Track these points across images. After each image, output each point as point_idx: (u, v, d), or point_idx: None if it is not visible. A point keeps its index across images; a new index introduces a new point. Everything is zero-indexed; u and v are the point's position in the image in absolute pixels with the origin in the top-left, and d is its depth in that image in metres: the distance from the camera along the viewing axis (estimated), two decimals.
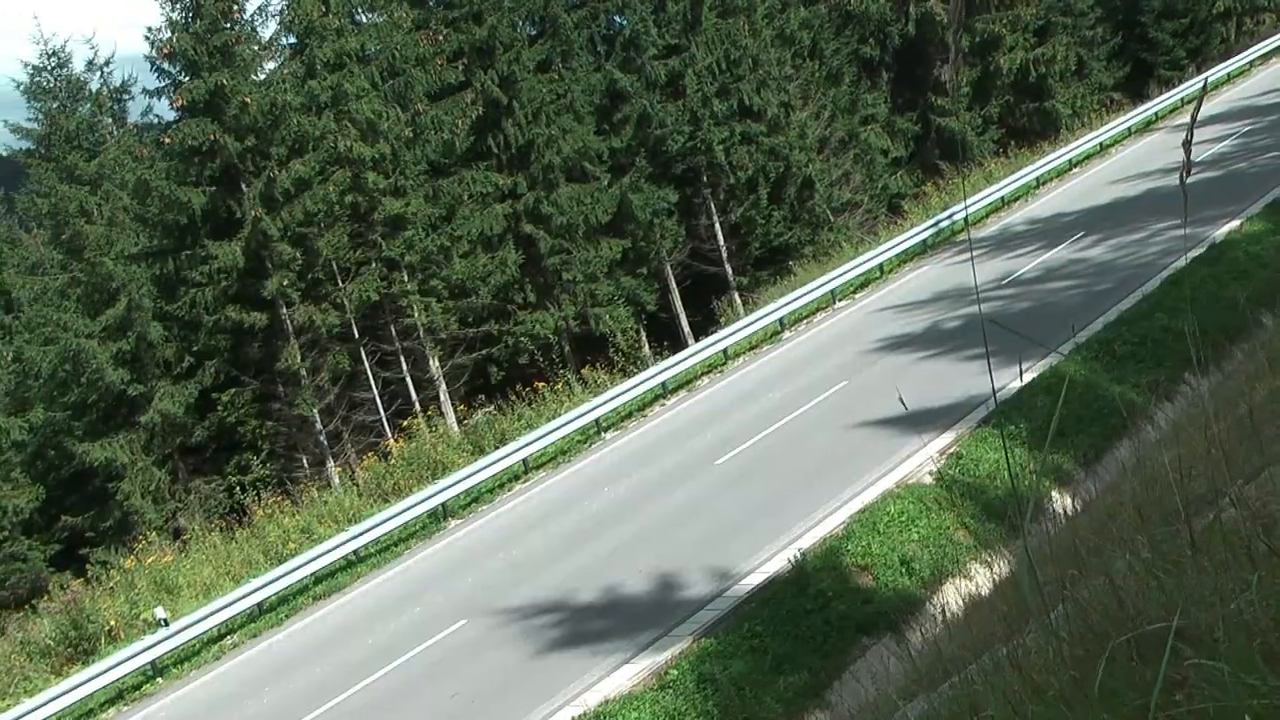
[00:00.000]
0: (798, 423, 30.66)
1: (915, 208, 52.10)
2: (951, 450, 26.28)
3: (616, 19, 57.75)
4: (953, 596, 18.05)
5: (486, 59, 48.91)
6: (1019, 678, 3.90)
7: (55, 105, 46.06)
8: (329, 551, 30.50)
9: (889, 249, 43.30)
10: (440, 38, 48.39)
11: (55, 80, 46.10)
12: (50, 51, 46.01)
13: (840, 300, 41.27)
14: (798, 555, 22.76)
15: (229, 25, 43.10)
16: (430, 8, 50.27)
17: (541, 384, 40.52)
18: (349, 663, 24.96)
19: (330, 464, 43.43)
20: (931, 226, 44.68)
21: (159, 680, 28.13)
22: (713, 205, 56.45)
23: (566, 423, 34.97)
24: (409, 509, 31.88)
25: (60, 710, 27.22)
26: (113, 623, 30.93)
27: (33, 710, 26.87)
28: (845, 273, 41.54)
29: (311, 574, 30.25)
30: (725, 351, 38.74)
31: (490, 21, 48.59)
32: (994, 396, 27.39)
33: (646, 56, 54.69)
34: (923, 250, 44.12)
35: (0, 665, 30.61)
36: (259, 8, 46.71)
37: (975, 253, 42.56)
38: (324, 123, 43.63)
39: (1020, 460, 24.24)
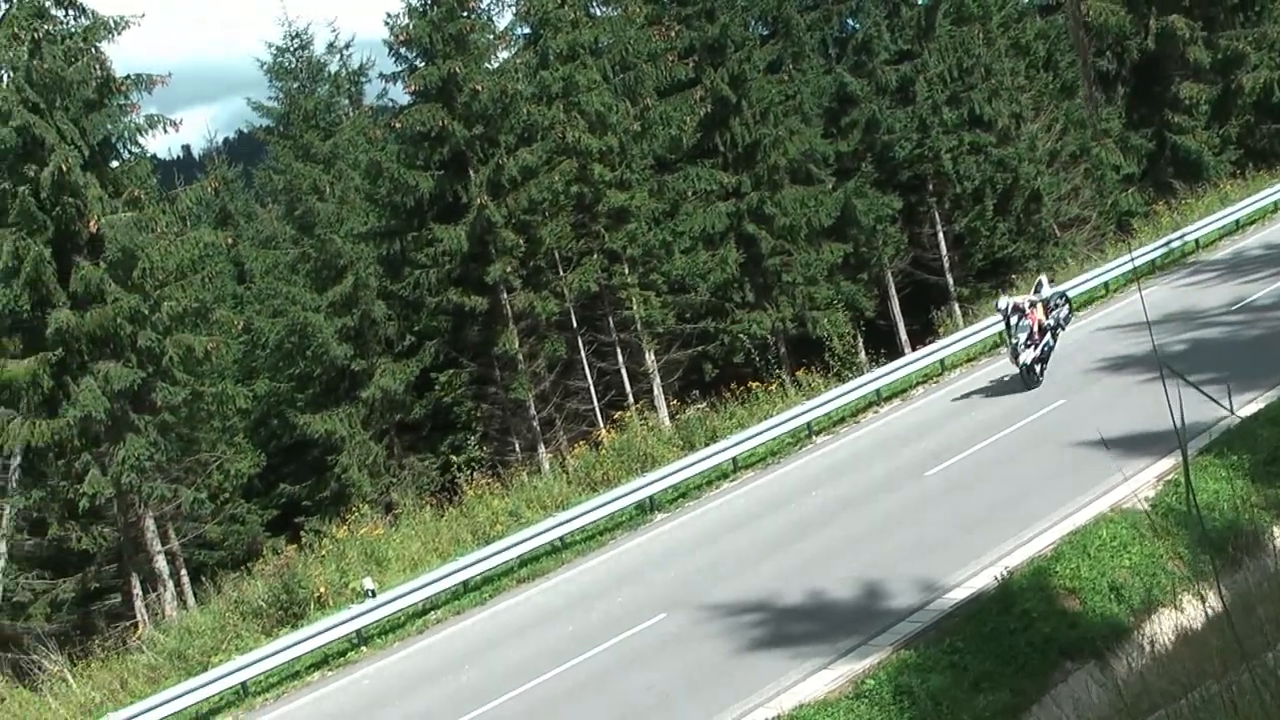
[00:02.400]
0: (1012, 438, 30.24)
1: (1145, 226, 50.91)
2: (1169, 477, 25.61)
3: (849, 22, 57.37)
4: (1162, 627, 17.66)
5: (717, 57, 48.98)
6: (1233, 718, 3.79)
7: (295, 85, 47.33)
8: (535, 536, 30.89)
9: (1115, 267, 42.40)
10: (672, 34, 48.62)
11: (297, 61, 47.36)
12: (293, 33, 47.35)
13: None
14: (1004, 573, 22.44)
15: (465, 14, 43.81)
16: (664, 4, 50.55)
17: (755, 384, 40.47)
18: (547, 647, 25.28)
19: (541, 449, 43.96)
20: (1161, 246, 43.66)
21: (363, 649, 28.81)
22: (937, 214, 55.80)
23: (778, 424, 34.94)
24: (617, 499, 32.13)
25: (268, 670, 28.11)
26: (322, 590, 31.76)
27: (244, 668, 27.81)
28: (1069, 289, 40.78)
29: (517, 556, 30.67)
30: (942, 362, 38.33)
31: (723, 20, 48.66)
32: (1179, 428, 26.66)
33: (878, 61, 54.28)
34: (1151, 270, 43.09)
35: (215, 622, 31.67)
36: None
37: (1206, 276, 41.40)
38: (553, 113, 44.12)
39: (1241, 493, 23.57)
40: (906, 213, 55.34)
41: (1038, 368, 33.72)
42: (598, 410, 45.25)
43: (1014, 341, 33.53)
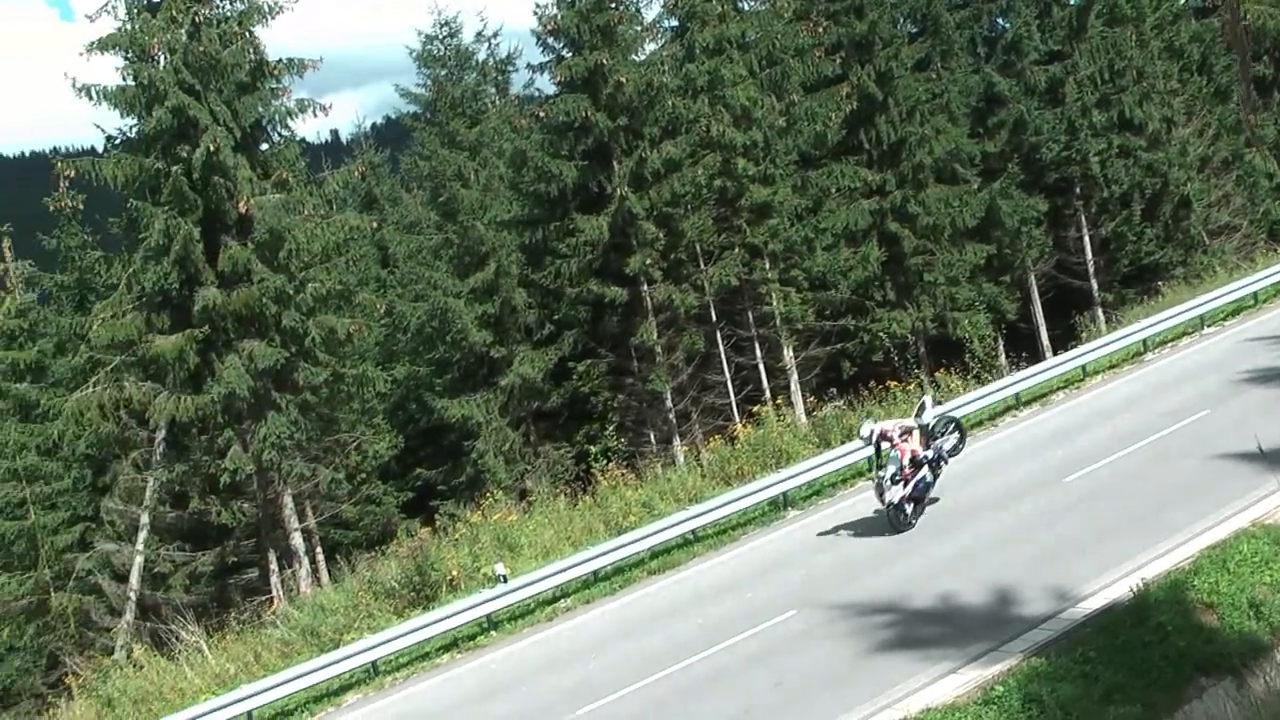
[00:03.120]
0: (1153, 448, 29.65)
1: None
2: None
3: (999, 21, 56.66)
4: None
5: (865, 54, 48.67)
6: None
7: (443, 73, 47.78)
8: (668, 528, 30.87)
9: (1266, 277, 41.37)
10: (820, 29, 48.33)
11: (445, 49, 47.82)
12: (443, 22, 47.84)
13: (1209, 326, 39.59)
14: (1140, 584, 22.00)
15: (613, 5, 43.91)
16: None
17: (893, 383, 40.11)
18: (676, 639, 25.26)
19: (676, 442, 43.96)
20: None
21: (493, 633, 28.98)
22: (1083, 218, 54.99)
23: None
24: (750, 495, 32.01)
25: (399, 650, 28.39)
26: (454, 573, 31.99)
27: (374, 647, 28.13)
28: (1217, 298, 39.88)
29: (649, 548, 30.68)
30: (1084, 368, 37.69)
31: (871, 17, 48.35)
32: None
33: (1027, 61, 53.60)
34: None
35: (348, 600, 32.06)
36: None
37: None
38: (698, 107, 44.08)
39: None
40: (1052, 215, 54.60)
41: (908, 507, 28.29)
42: (734, 404, 45.15)
43: (879, 475, 28.29)
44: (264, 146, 39.72)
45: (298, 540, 38.70)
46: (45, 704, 43.13)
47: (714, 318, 45.47)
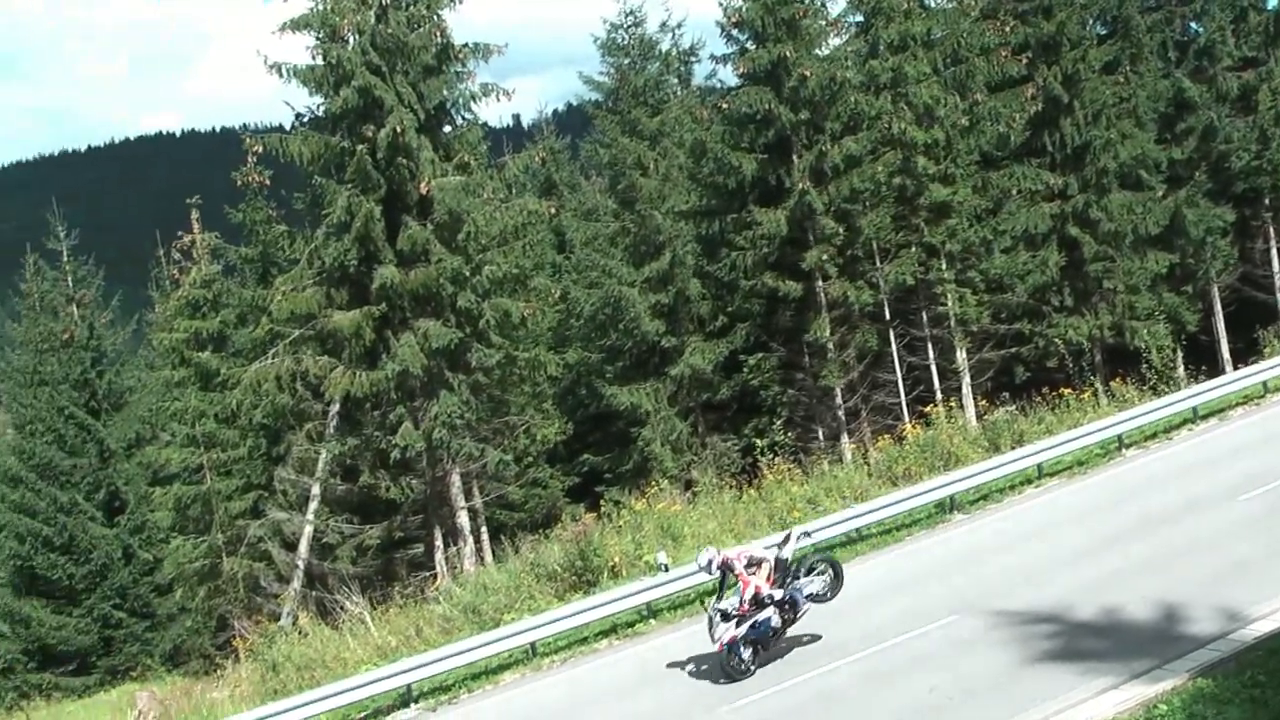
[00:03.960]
0: None
1: None
2: None
3: (1192, 25, 55.16)
4: None
5: (1052, 55, 47.79)
6: None
7: (627, 62, 47.88)
8: (832, 525, 30.74)
9: None
10: (1007, 29, 47.53)
11: (629, 38, 47.90)
12: (628, 10, 47.91)
13: None
14: None
15: None
16: None
17: (1067, 390, 39.52)
18: (835, 638, 25.11)
19: (844, 439, 43.68)
20: None
21: (652, 621, 29.08)
22: (1272, 230, 53.48)
23: (1088, 434, 34.10)
24: (916, 496, 31.81)
25: (558, 633, 28.62)
26: (616, 560, 32.15)
27: (534, 628, 28.41)
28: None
29: (812, 545, 30.56)
30: (1265, 384, 36.79)
31: (1060, 17, 47.44)
32: None
33: (1220, 67, 52.17)
34: None
35: (510, 581, 32.38)
36: None
37: None
38: (881, 103, 43.69)
39: None
40: (1239, 226, 53.12)
41: (744, 651, 24.51)
42: (904, 404, 44.73)
43: (714, 608, 24.74)
44: (447, 129, 40.19)
45: (463, 519, 39.13)
46: (213, 664, 44.32)
47: (888, 316, 45.07)
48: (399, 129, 36.39)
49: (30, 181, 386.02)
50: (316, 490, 40.11)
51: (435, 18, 38.38)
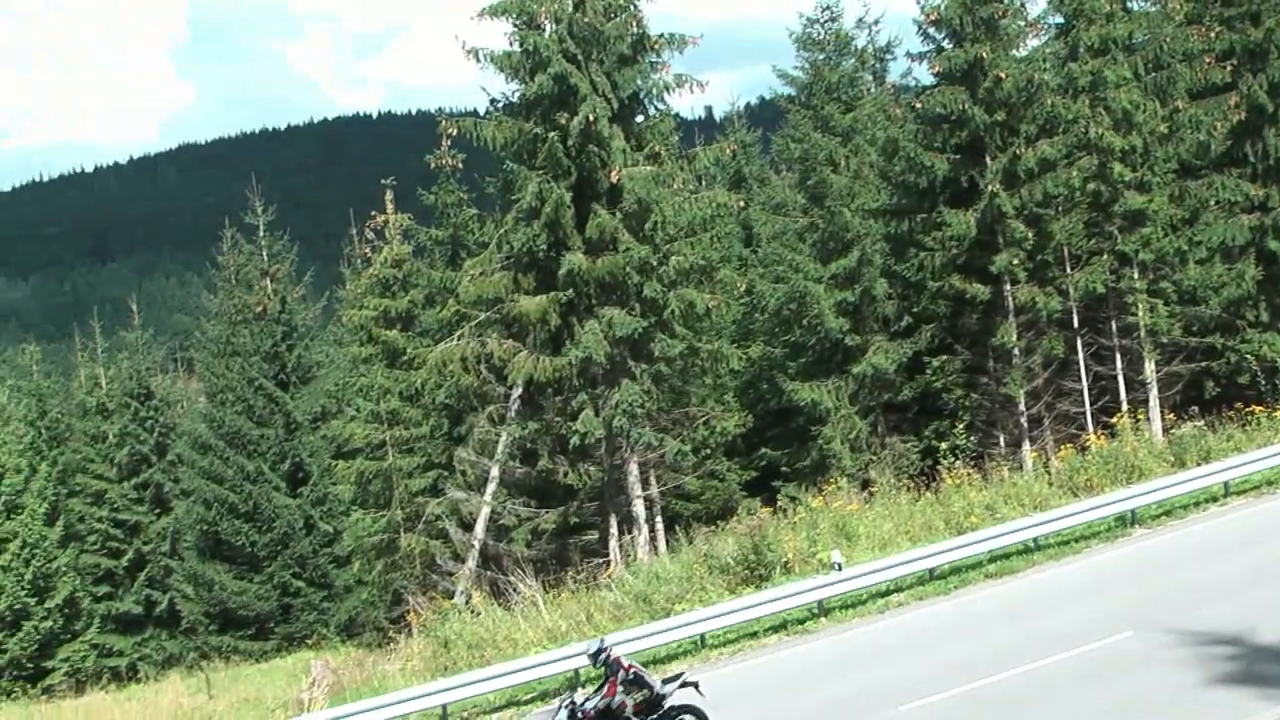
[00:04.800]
0: None
1: None
2: None
3: None
4: None
5: (1258, 63, 46.49)
6: None
7: (821, 57, 47.69)
8: (1009, 533, 30.48)
9: None
10: (1212, 35, 46.33)
11: (825, 33, 47.69)
12: (825, 5, 47.66)
13: None
14: None
15: None
16: (1206, 3, 48.24)
17: (1258, 408, 38.54)
18: (1006, 646, 24.85)
19: (1026, 446, 43.06)
20: None
21: (822, 620, 29.03)
22: None
23: (1278, 453, 33.20)
24: (1097, 508, 31.36)
25: (728, 626, 28.74)
26: (790, 556, 32.14)
27: (705, 620, 28.69)
28: None
29: (988, 551, 30.32)
30: None
31: (1268, 24, 46.08)
32: None
33: None
34: None
35: (683, 571, 32.53)
36: None
37: None
38: (1078, 107, 42.91)
39: None
40: None
41: None
42: (1088, 414, 43.94)
43: (561, 700, 23.15)
44: (639, 119, 40.38)
45: (639, 507, 39.33)
46: (386, 637, 45.18)
47: (1076, 324, 44.29)
48: (592, 117, 36.65)
49: (231, 157, 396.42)
50: (495, 472, 40.57)
51: (632, 7, 38.59)
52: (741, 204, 45.67)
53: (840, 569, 29.30)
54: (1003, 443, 43.95)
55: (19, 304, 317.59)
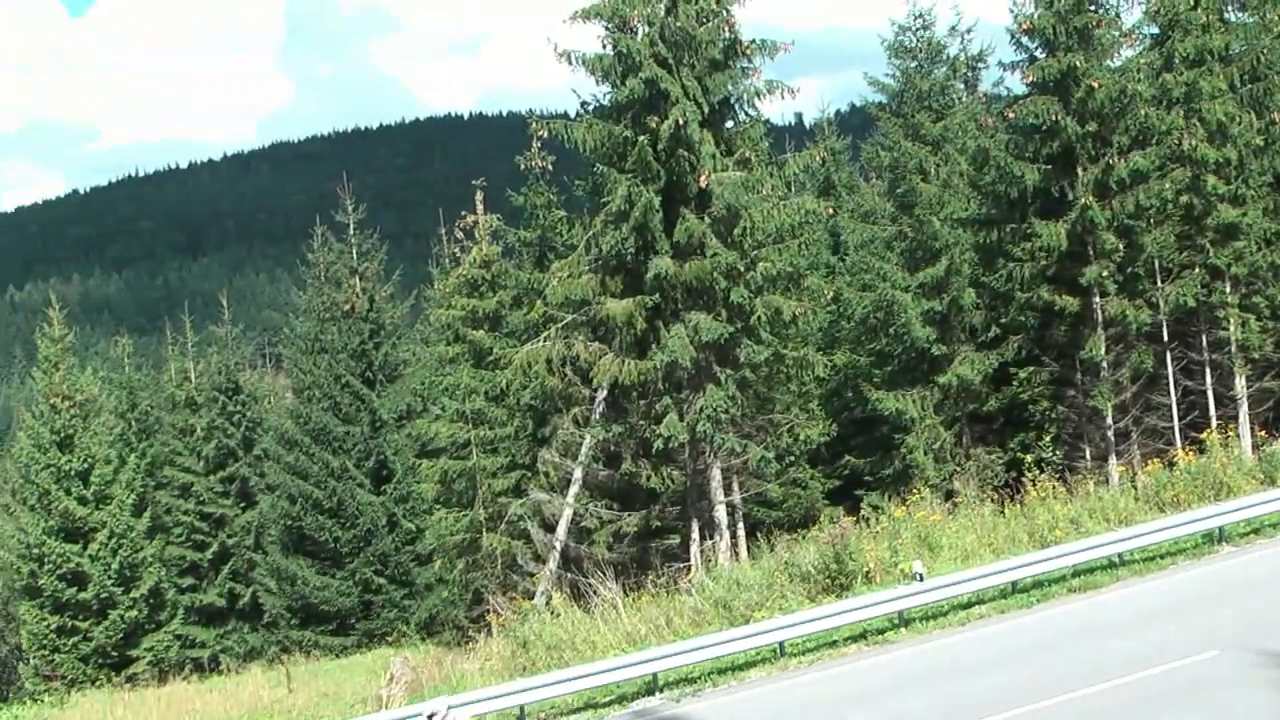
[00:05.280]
0: None
1: None
2: None
3: None
4: None
5: None
6: None
7: (913, 65, 47.47)
8: (1093, 548, 30.18)
9: None
10: None
11: (917, 41, 47.46)
12: (918, 13, 47.49)
13: None
14: None
15: (1093, 8, 42.80)
16: None
17: None
18: (1087, 663, 24.62)
19: (1112, 460, 42.70)
20: None
21: (903, 630, 28.90)
22: None
23: None
24: (1183, 524, 30.95)
25: (808, 634, 28.66)
26: (871, 565, 32.04)
27: (784, 627, 28.54)
28: None
29: (1071, 566, 30.06)
30: None
31: None
32: None
33: None
34: None
35: (763, 578, 32.48)
36: None
37: None
38: (1171, 119, 42.51)
39: None
40: None
41: None
42: (1176, 429, 43.54)
43: None
44: (729, 124, 40.34)
45: (721, 513, 39.30)
46: (465, 636, 45.44)
47: (1165, 337, 43.89)
48: (682, 121, 36.66)
49: (324, 155, 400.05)
50: (578, 474, 40.68)
51: (724, 12, 38.54)
52: (830, 211, 45.60)
53: (922, 579, 29.18)
54: (1089, 456, 43.64)
55: (112, 297, 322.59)
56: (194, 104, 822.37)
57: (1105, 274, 41.87)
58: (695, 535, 39.24)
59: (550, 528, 41.56)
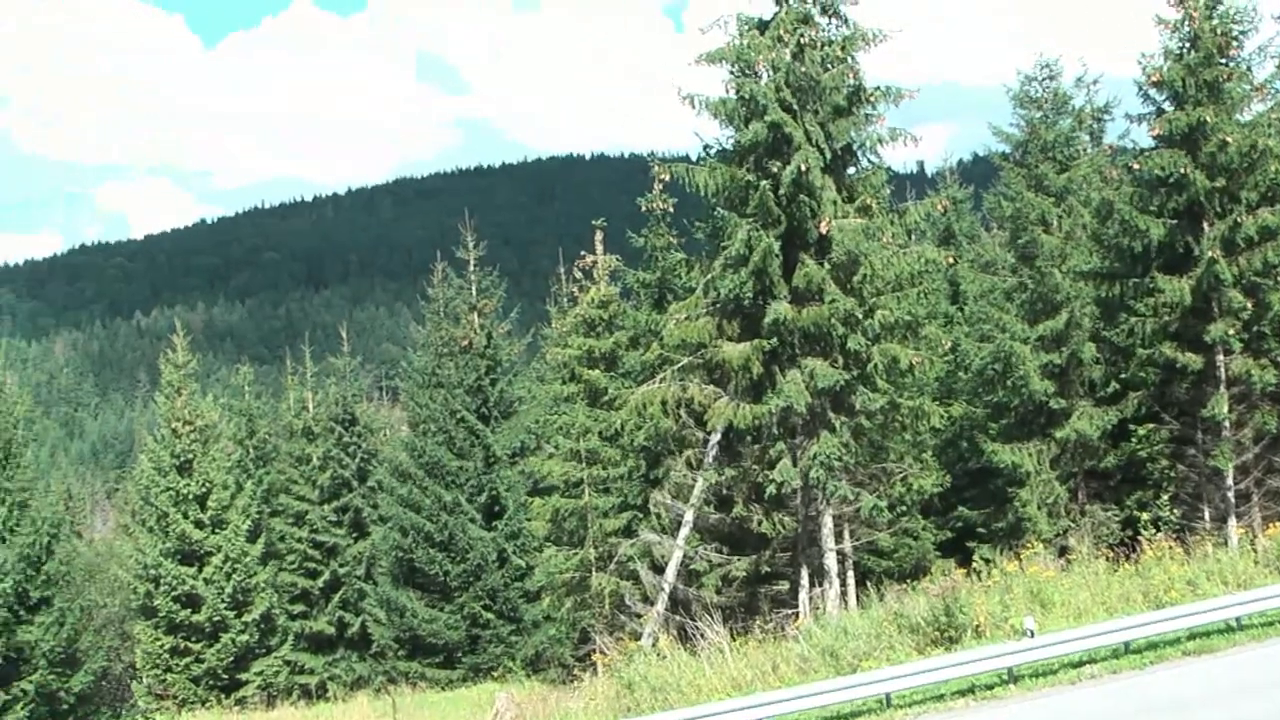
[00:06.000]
0: None
1: None
2: None
3: None
4: None
5: None
6: None
7: (1038, 115, 47.17)
8: (1210, 610, 29.64)
9: None
10: None
11: (1043, 91, 47.20)
12: (1044, 64, 47.23)
13: None
14: None
15: (1224, 61, 42.29)
16: None
17: None
18: None
19: (1232, 522, 41.95)
20: None
21: (1011, 686, 28.57)
22: None
23: None
24: None
25: (915, 686, 28.45)
26: (981, 620, 31.69)
27: (892, 679, 28.35)
28: None
29: (1187, 628, 29.54)
30: None
31: None
32: None
33: None
34: None
35: (872, 628, 32.26)
36: (1259, 47, 45.19)
37: None
38: None
39: None
40: None
41: None
42: None
43: None
44: (851, 170, 40.25)
45: (831, 560, 39.08)
46: (571, 674, 45.50)
47: None
48: (804, 167, 36.64)
49: (446, 192, 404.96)
50: (689, 516, 40.64)
51: (849, 59, 38.52)
52: (950, 260, 45.34)
53: (1033, 636, 28.84)
54: (1208, 517, 42.92)
55: (235, 326, 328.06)
56: (321, 138, 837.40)
57: (1230, 332, 41.27)
58: (804, 582, 39.05)
59: (659, 569, 41.55)
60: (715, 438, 40.13)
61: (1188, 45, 42.33)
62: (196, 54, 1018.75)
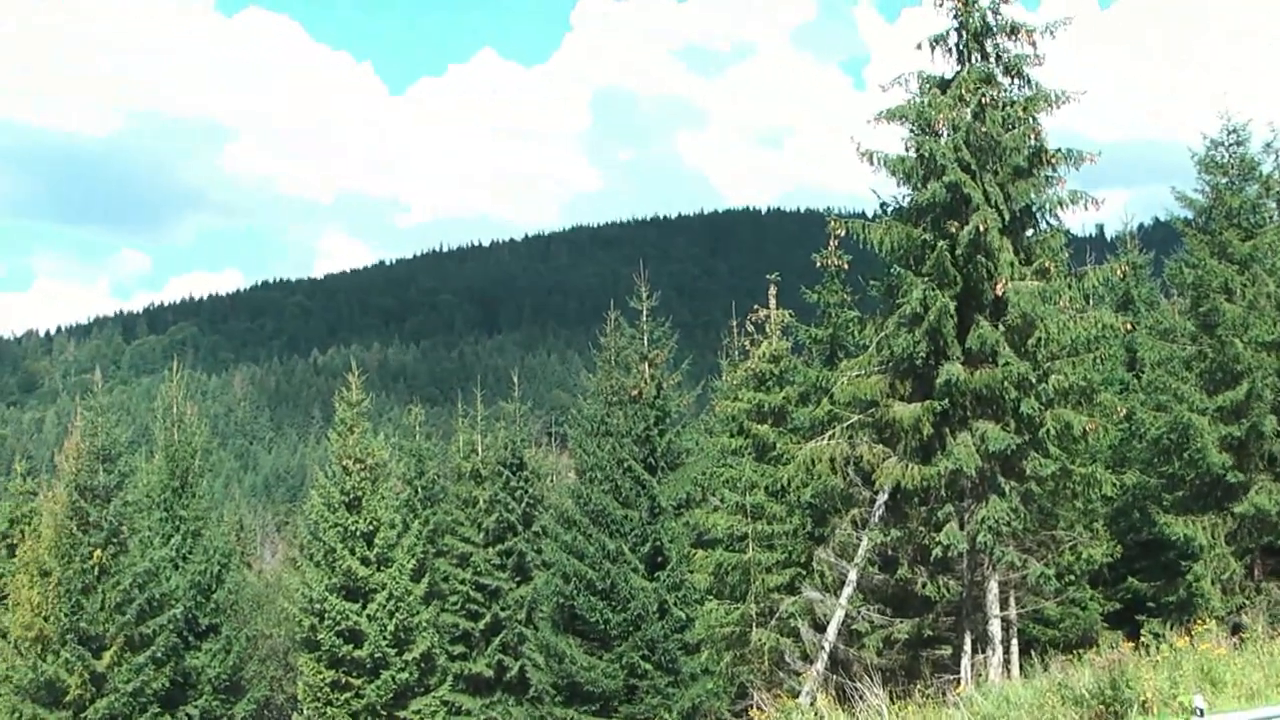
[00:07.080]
0: None
1: None
2: None
3: None
4: None
5: None
6: None
7: (1224, 181, 46.25)
8: None
9: None
10: None
11: (1229, 156, 46.32)
12: (1231, 129, 46.35)
13: None
14: None
15: None
16: None
17: None
18: None
19: None
20: None
21: None
22: None
23: None
24: None
25: None
26: (1148, 695, 30.94)
27: None
28: None
29: None
30: None
31: None
32: None
33: None
34: None
35: (1034, 698, 31.67)
36: None
37: None
38: None
39: None
40: None
41: None
42: None
43: None
44: (1029, 232, 39.83)
45: (995, 627, 38.54)
46: None
47: None
48: (982, 227, 36.39)
49: (621, 240, 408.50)
50: (853, 576, 40.38)
51: (1031, 120, 38.22)
52: (1128, 327, 44.62)
53: (1202, 715, 28.09)
54: None
55: (409, 367, 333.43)
56: (500, 184, 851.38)
57: None
58: (967, 648, 38.55)
59: (821, 628, 41.31)
60: (882, 497, 39.87)
61: None
62: (383, 99, 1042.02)
